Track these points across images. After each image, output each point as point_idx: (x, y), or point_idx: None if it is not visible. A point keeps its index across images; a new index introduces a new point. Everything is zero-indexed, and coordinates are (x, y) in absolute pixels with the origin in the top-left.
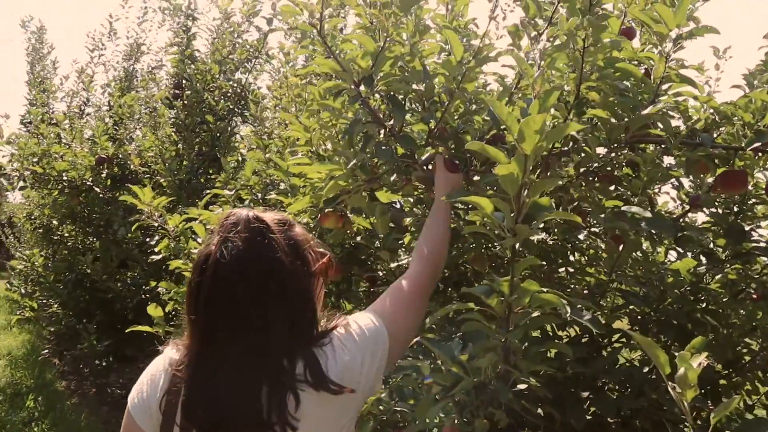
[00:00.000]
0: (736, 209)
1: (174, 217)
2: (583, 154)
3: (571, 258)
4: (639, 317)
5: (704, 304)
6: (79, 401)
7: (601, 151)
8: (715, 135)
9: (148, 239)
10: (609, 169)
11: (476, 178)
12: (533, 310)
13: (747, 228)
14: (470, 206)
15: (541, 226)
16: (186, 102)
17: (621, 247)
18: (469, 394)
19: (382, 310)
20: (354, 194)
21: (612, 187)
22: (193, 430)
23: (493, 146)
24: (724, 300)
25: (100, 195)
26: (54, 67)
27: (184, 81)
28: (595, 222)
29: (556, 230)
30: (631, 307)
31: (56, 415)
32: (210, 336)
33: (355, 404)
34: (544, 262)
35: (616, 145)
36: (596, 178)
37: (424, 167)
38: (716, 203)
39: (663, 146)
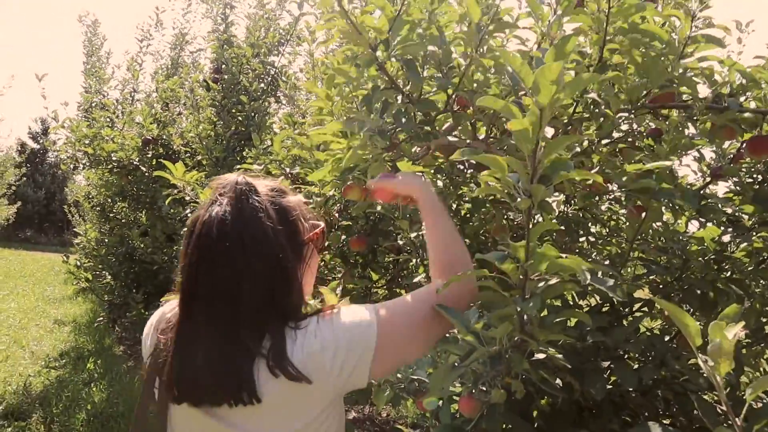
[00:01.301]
0: (759, 178)
1: (205, 191)
2: (603, 119)
3: (592, 229)
4: (661, 286)
5: (728, 273)
6: (134, 364)
7: (623, 116)
8: (741, 99)
9: (190, 214)
10: (630, 140)
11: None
12: (550, 276)
13: None
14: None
15: (562, 196)
16: (224, 85)
17: (643, 216)
18: (484, 364)
19: (385, 310)
20: (373, 163)
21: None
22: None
23: None
24: (749, 269)
25: (146, 174)
26: (107, 58)
27: (222, 65)
28: (616, 189)
29: (576, 199)
30: (652, 276)
31: (113, 377)
32: (189, 297)
33: (320, 399)
34: (564, 229)
35: (637, 107)
36: (618, 146)
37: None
38: (740, 172)
39: (687, 113)
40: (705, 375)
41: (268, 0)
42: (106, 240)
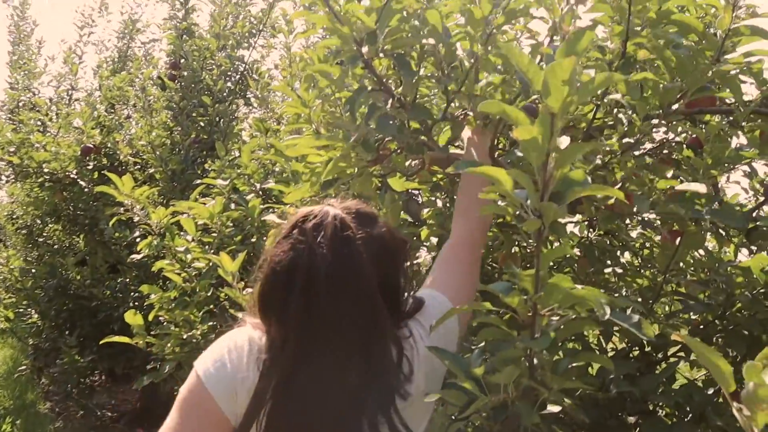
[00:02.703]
0: None
1: (158, 211)
2: (627, 126)
3: (622, 259)
4: (701, 326)
5: None
6: (63, 425)
7: (655, 122)
8: None
9: (139, 239)
10: (666, 151)
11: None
12: (564, 312)
13: None
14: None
15: (579, 218)
16: (182, 83)
17: (678, 242)
18: (487, 416)
19: (442, 286)
20: (358, 177)
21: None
22: None
23: None
24: None
25: (86, 189)
26: (38, 47)
27: (181, 60)
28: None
29: (597, 221)
30: (691, 314)
31: None
32: (306, 351)
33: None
34: (585, 258)
35: (670, 113)
36: (649, 157)
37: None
38: None
39: (730, 118)
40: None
41: None
42: (34, 270)
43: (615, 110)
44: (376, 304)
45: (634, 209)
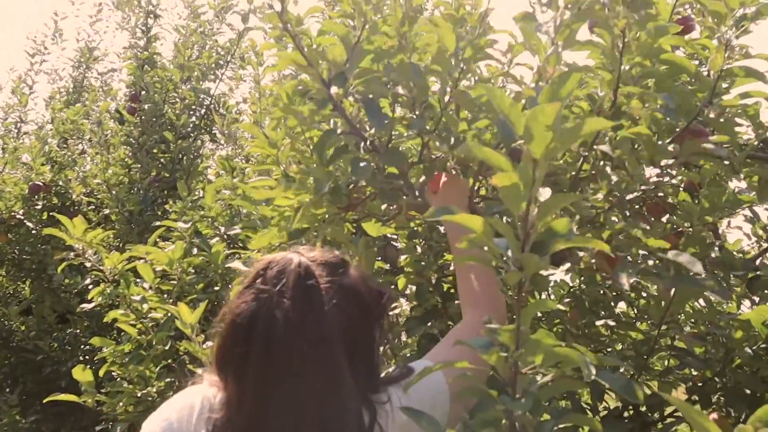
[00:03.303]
0: None
1: (112, 256)
2: (615, 178)
3: (617, 310)
4: (700, 384)
5: None
6: None
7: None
8: None
9: (91, 286)
10: (661, 194)
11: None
12: (548, 370)
13: None
14: None
15: (567, 267)
16: (143, 117)
17: (672, 293)
18: None
19: (439, 359)
20: (330, 224)
21: (664, 219)
22: None
23: None
24: None
25: (33, 231)
26: None
27: (141, 92)
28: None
29: (581, 273)
30: (690, 370)
31: None
32: (262, 414)
33: None
34: (575, 310)
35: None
36: (642, 207)
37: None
38: None
39: (727, 162)
40: None
41: (204, 10)
42: None
43: (602, 163)
44: (338, 363)
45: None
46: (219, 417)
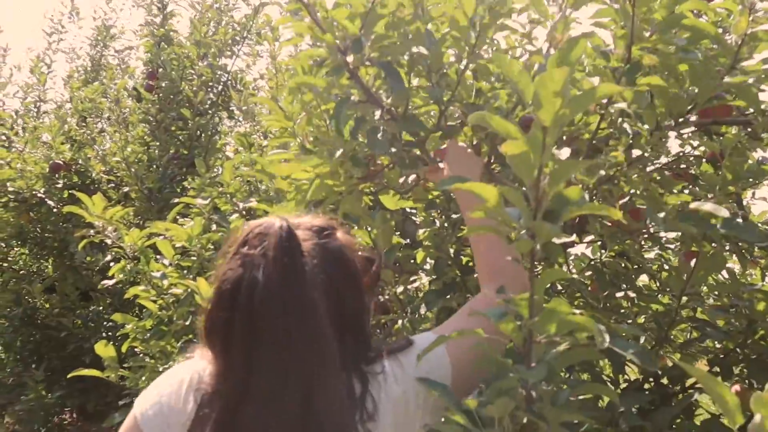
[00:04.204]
0: None
1: (132, 233)
2: (632, 138)
3: (638, 282)
4: (722, 356)
5: None
6: None
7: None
8: None
9: (112, 263)
10: (684, 165)
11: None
12: (562, 339)
13: None
14: None
15: (589, 239)
16: (160, 94)
17: (693, 264)
18: None
19: (445, 330)
20: (348, 197)
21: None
22: None
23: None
24: None
25: (54, 210)
26: (3, 55)
27: (159, 69)
28: (656, 228)
29: (603, 239)
30: (712, 342)
31: None
32: (250, 369)
33: None
34: (596, 282)
35: (681, 123)
36: (663, 172)
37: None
38: None
39: (749, 130)
40: None
41: None
42: None
43: (619, 120)
44: (321, 327)
45: (644, 225)
46: (207, 388)
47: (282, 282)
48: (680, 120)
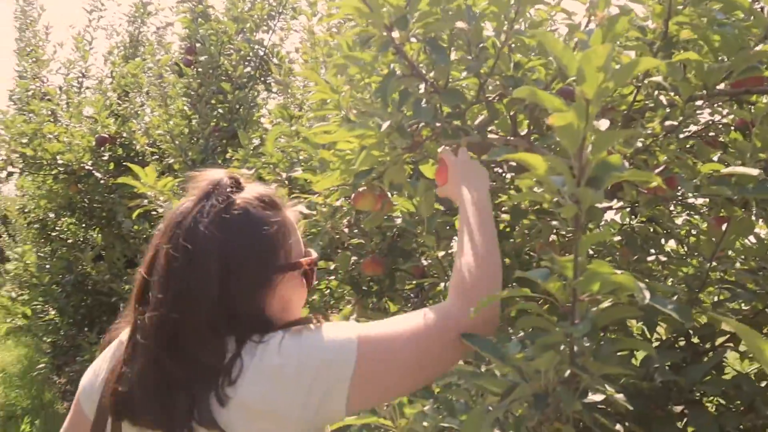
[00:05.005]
0: None
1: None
2: (668, 109)
3: (667, 247)
4: (752, 316)
5: None
6: None
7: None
8: None
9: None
10: (713, 134)
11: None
12: (603, 297)
13: None
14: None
15: (620, 204)
16: (199, 69)
17: (724, 228)
18: (528, 404)
19: (374, 328)
20: (392, 166)
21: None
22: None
23: None
24: None
25: (101, 181)
26: (46, 33)
27: (197, 44)
28: (687, 194)
29: (638, 206)
30: (742, 304)
31: None
32: (138, 304)
33: (286, 428)
34: (627, 246)
35: (714, 93)
36: (694, 140)
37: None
38: None
39: None
40: None
41: None
42: (49, 266)
43: (656, 92)
44: (206, 279)
45: (678, 192)
46: (121, 349)
47: (194, 222)
48: (714, 91)
